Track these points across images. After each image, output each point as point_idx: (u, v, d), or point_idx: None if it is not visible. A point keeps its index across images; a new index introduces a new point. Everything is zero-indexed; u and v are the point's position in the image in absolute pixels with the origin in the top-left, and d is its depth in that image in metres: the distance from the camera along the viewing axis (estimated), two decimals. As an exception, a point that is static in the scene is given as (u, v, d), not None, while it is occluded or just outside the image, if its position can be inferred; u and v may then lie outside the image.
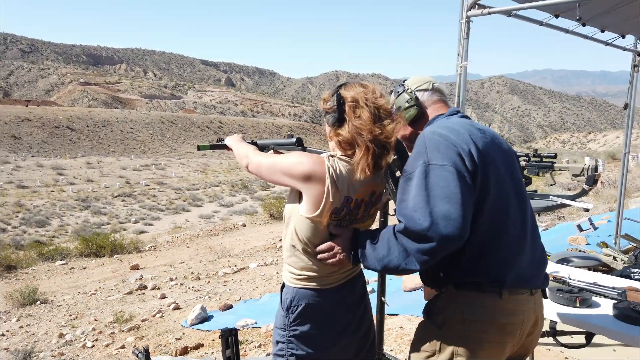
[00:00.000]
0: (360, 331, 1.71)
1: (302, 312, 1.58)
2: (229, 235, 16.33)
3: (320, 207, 1.50)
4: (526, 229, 1.54)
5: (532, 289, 1.53)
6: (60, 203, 30.77)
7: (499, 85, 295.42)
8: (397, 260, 1.43)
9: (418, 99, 1.68)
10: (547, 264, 1.63)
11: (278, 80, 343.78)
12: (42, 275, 11.53)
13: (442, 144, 1.44)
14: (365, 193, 1.57)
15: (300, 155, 1.58)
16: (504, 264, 1.47)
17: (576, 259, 3.14)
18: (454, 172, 1.38)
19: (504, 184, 1.51)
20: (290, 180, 1.55)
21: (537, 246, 1.58)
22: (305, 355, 1.59)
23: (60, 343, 6.24)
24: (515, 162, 1.62)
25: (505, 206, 1.49)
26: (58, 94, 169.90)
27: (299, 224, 1.56)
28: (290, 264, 1.62)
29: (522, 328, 1.50)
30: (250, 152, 1.76)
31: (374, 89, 1.55)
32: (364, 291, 1.75)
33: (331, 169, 1.50)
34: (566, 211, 10.12)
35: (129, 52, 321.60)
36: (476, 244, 1.46)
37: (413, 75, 1.78)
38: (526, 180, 3.40)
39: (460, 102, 2.96)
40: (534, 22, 3.45)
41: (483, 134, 1.54)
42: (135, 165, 50.04)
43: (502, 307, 1.46)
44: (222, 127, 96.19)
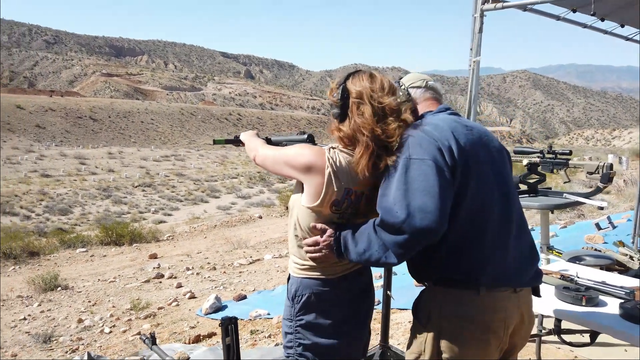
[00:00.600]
0: (367, 322, 1.74)
1: (307, 302, 1.60)
2: (246, 226, 16.49)
3: (320, 197, 1.53)
4: (510, 227, 1.53)
5: (516, 287, 1.52)
6: (83, 192, 31.42)
7: (521, 79, 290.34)
8: (377, 254, 1.45)
9: (410, 96, 1.70)
10: (537, 262, 1.61)
11: (297, 73, 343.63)
12: (63, 262, 11.83)
13: (423, 139, 1.46)
14: (365, 186, 1.58)
15: (302, 147, 1.61)
16: (481, 260, 1.47)
17: (589, 257, 3.11)
18: (433, 166, 1.40)
19: (486, 180, 1.50)
20: (292, 171, 1.59)
21: (523, 244, 1.57)
22: (312, 345, 1.61)
23: (79, 328, 6.41)
24: (504, 160, 1.63)
25: (485, 203, 1.49)
26: (81, 84, 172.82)
27: (301, 214, 1.59)
28: (294, 254, 1.66)
29: (506, 326, 1.49)
30: (259, 146, 1.80)
31: (382, 83, 1.53)
32: (369, 282, 1.76)
33: (331, 159, 1.53)
34: (586, 209, 9.95)
35: (151, 44, 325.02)
36: (453, 239, 1.47)
37: (410, 73, 1.81)
38: (540, 177, 3.37)
39: (473, 97, 2.94)
40: (550, 16, 3.39)
41: (470, 130, 1.55)
42: (155, 156, 50.72)
43: (480, 304, 1.46)
44: (241, 119, 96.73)
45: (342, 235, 1.54)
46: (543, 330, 2.64)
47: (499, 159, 1.59)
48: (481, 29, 2.93)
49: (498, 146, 1.62)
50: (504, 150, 1.65)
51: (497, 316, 1.47)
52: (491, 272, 1.47)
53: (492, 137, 1.63)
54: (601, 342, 2.61)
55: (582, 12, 3.36)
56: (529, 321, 1.60)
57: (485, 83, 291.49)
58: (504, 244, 1.51)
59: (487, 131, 1.64)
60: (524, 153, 3.36)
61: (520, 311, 1.54)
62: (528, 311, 1.59)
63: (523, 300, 1.55)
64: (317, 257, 1.59)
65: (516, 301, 1.52)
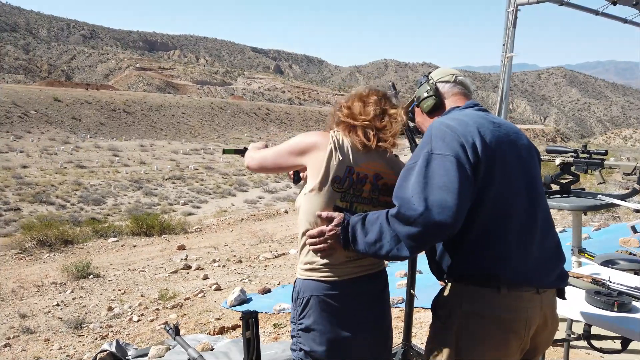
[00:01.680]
0: (375, 331, 1.65)
1: (306, 305, 1.55)
2: (272, 220, 16.62)
3: (322, 171, 1.55)
4: (534, 226, 1.49)
5: (539, 288, 1.48)
6: (115, 183, 32.26)
7: (557, 76, 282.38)
8: (388, 245, 1.43)
9: (438, 90, 1.69)
10: (562, 263, 1.56)
11: (326, 68, 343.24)
12: (95, 250, 12.19)
13: (447, 135, 1.44)
14: (368, 170, 1.60)
15: (305, 133, 1.67)
16: (502, 258, 1.44)
17: (622, 261, 2.99)
18: (455, 162, 1.37)
19: (511, 178, 1.47)
20: (299, 158, 1.61)
21: (548, 244, 1.53)
22: (311, 352, 1.56)
23: (109, 316, 6.60)
24: (533, 158, 1.59)
25: (508, 201, 1.46)
26: (115, 78, 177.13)
27: (305, 204, 1.59)
28: (300, 255, 1.63)
29: (527, 327, 1.45)
30: (253, 152, 1.82)
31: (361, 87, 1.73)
32: (383, 290, 1.69)
33: (334, 137, 1.60)
34: (621, 211, 9.62)
35: (183, 39, 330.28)
36: (476, 236, 1.44)
37: (440, 68, 1.79)
38: (573, 177, 3.26)
39: (504, 93, 2.87)
40: (588, 11, 3.27)
41: (498, 127, 1.52)
42: (186, 149, 51.57)
43: (501, 303, 1.43)
44: (269, 114, 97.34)
45: (351, 223, 1.50)
46: (572, 335, 2.56)
47: (527, 157, 1.55)
48: (515, 23, 2.85)
49: (527, 144, 1.58)
50: (532, 148, 1.60)
51: (519, 316, 1.44)
52: (512, 270, 1.44)
53: (521, 134, 1.59)
54: (634, 350, 2.51)
55: (624, 4, 3.22)
56: (552, 324, 1.56)
57: (519, 80, 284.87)
58: (527, 243, 1.47)
59: (515, 128, 1.60)
60: (557, 152, 3.25)
61: (543, 312, 1.49)
62: (551, 313, 1.55)
63: (546, 301, 1.51)
64: (322, 249, 1.55)
65: (539, 302, 1.48)
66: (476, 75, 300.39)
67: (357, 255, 1.57)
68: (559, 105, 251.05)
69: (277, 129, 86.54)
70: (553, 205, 3.09)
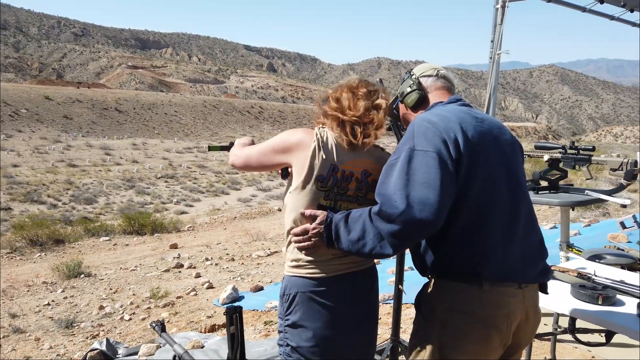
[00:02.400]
0: (361, 328, 1.64)
1: (292, 301, 1.56)
2: (265, 219, 16.60)
3: (305, 170, 1.54)
4: (517, 222, 1.50)
5: (522, 283, 1.48)
6: (107, 182, 32.07)
7: (548, 74, 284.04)
8: (371, 243, 1.42)
9: (421, 84, 1.69)
10: (544, 259, 1.58)
11: (319, 66, 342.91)
12: (87, 249, 12.12)
13: (429, 131, 1.43)
14: (354, 167, 1.58)
15: (290, 130, 1.65)
16: (484, 254, 1.44)
17: (609, 256, 3.03)
18: (437, 158, 1.37)
19: (494, 174, 1.47)
20: (283, 156, 1.60)
21: (532, 240, 1.54)
22: (297, 347, 1.57)
23: (100, 315, 6.56)
24: (516, 153, 1.59)
25: (491, 196, 1.46)
26: (107, 76, 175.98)
27: (290, 203, 1.59)
28: (287, 252, 1.63)
29: (509, 322, 1.46)
30: (237, 149, 1.81)
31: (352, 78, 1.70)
32: (371, 287, 1.69)
33: (318, 135, 1.57)
34: (611, 207, 9.69)
35: (175, 37, 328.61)
36: (457, 232, 1.45)
37: (422, 63, 1.79)
38: (561, 173, 3.29)
39: (492, 90, 2.88)
40: (576, 8, 3.29)
41: (481, 122, 1.51)
42: (178, 148, 51.36)
43: (483, 299, 1.43)
44: (263, 112, 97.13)
45: (334, 221, 1.50)
46: (558, 329, 2.59)
47: (510, 152, 1.56)
48: (502, 20, 2.87)
49: (510, 139, 1.58)
50: (516, 143, 1.61)
51: (501, 311, 1.44)
52: (494, 266, 1.44)
53: (504, 129, 1.59)
54: (619, 343, 2.54)
55: (611, 2, 3.24)
56: (534, 318, 1.56)
57: (511, 77, 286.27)
58: (510, 239, 1.47)
59: (499, 123, 1.60)
60: (545, 148, 3.27)
61: (524, 308, 1.50)
62: (533, 308, 1.55)
63: (528, 296, 1.51)
64: (306, 247, 1.55)
65: (521, 297, 1.48)
66: (468, 73, 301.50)
67: (342, 253, 1.55)
68: (551, 103, 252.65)
69: (270, 127, 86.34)
70: (541, 201, 3.12)
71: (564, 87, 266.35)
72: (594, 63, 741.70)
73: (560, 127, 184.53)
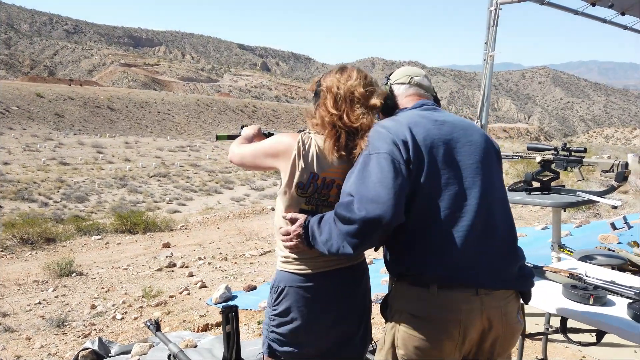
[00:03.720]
0: (344, 323, 1.68)
1: (280, 293, 1.64)
2: (258, 218, 16.56)
3: (287, 177, 1.59)
4: (472, 225, 1.46)
5: (478, 288, 1.44)
6: (99, 180, 31.89)
7: (541, 76, 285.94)
8: (336, 244, 1.46)
9: (392, 92, 1.73)
10: (515, 264, 1.52)
11: (313, 65, 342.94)
12: (79, 248, 12.03)
13: (381, 134, 1.50)
14: (336, 174, 1.60)
15: (280, 135, 1.70)
16: (430, 256, 1.45)
17: (600, 256, 3.06)
18: (389, 158, 1.43)
19: (447, 176, 1.48)
20: (272, 160, 1.65)
21: (496, 243, 1.50)
22: (281, 333, 1.65)
23: (92, 314, 6.53)
24: (485, 155, 1.56)
25: (439, 198, 1.46)
26: (99, 74, 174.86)
27: (277, 205, 1.67)
28: (278, 247, 1.70)
29: (462, 329, 1.42)
30: (235, 146, 1.85)
31: (350, 74, 1.62)
32: (358, 283, 1.72)
33: (300, 142, 1.60)
34: (602, 208, 9.79)
35: (168, 35, 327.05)
36: (407, 234, 1.47)
37: (402, 68, 1.81)
38: (553, 174, 3.32)
39: (486, 92, 2.91)
40: (568, 10, 3.33)
41: (440, 125, 1.55)
42: (171, 147, 51.16)
43: (432, 302, 1.44)
44: (256, 111, 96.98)
45: (310, 224, 1.56)
46: (550, 329, 2.61)
47: (474, 154, 1.54)
48: (496, 22, 2.89)
49: (477, 140, 1.57)
50: (487, 145, 1.59)
51: (451, 316, 1.43)
52: (441, 269, 1.43)
53: (470, 131, 1.59)
54: (610, 342, 2.57)
55: (602, 5, 3.28)
56: (504, 329, 1.49)
57: (504, 79, 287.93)
58: (461, 241, 1.44)
59: (466, 126, 1.61)
60: (537, 150, 3.30)
61: (485, 316, 1.45)
62: (501, 317, 1.48)
63: (491, 304, 1.45)
64: (290, 247, 1.62)
65: (478, 304, 1.43)
66: (462, 74, 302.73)
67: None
68: (543, 104, 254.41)
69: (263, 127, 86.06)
70: (534, 201, 3.15)
71: (556, 88, 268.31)
72: (585, 65, 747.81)
73: (552, 129, 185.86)
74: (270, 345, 1.67)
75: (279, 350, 1.65)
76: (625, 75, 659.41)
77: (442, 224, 1.46)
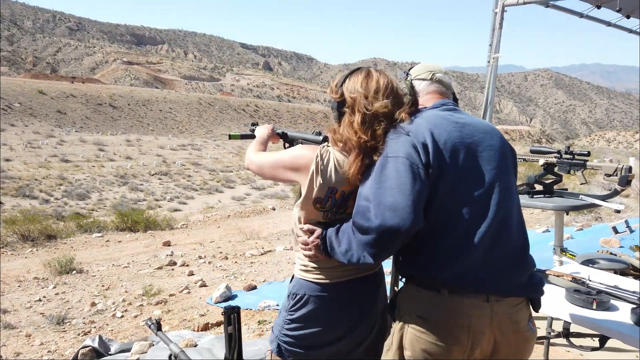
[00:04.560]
0: (357, 333, 1.68)
1: (299, 300, 1.64)
2: (259, 217, 16.56)
3: (305, 192, 1.57)
4: (488, 230, 1.43)
5: (489, 294, 1.41)
6: (100, 178, 31.90)
7: (543, 78, 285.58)
8: (357, 254, 1.43)
9: (413, 88, 1.67)
10: (525, 272, 1.49)
11: (315, 65, 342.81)
12: (79, 246, 12.03)
13: (401, 137, 1.45)
14: (354, 186, 1.57)
15: (301, 149, 1.65)
16: (441, 260, 1.43)
17: (602, 260, 3.04)
18: (407, 163, 1.38)
19: (465, 179, 1.45)
20: (292, 174, 1.62)
21: (506, 249, 1.47)
22: (294, 336, 1.65)
23: (92, 311, 6.52)
24: (503, 160, 1.54)
25: (456, 202, 1.44)
26: (102, 72, 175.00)
27: (295, 214, 1.64)
28: (297, 255, 1.69)
29: (471, 335, 1.40)
30: (253, 154, 1.81)
31: (377, 85, 1.53)
32: (376, 291, 1.71)
33: (319, 157, 1.55)
34: (603, 212, 9.77)
35: (171, 33, 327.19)
36: (422, 237, 1.44)
37: (422, 63, 1.75)
38: (556, 178, 3.31)
39: (490, 94, 2.90)
40: (573, 13, 3.31)
41: (461, 127, 1.50)
42: (173, 145, 51.15)
43: (440, 304, 1.42)
44: (258, 110, 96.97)
45: (327, 235, 1.54)
46: (552, 333, 2.60)
47: (493, 158, 1.51)
48: (501, 24, 2.88)
49: (497, 144, 1.54)
50: (505, 149, 1.56)
51: (459, 321, 1.41)
52: (452, 273, 1.41)
53: (490, 134, 1.55)
54: (612, 347, 2.56)
55: (607, 7, 3.26)
56: (515, 336, 1.46)
57: (506, 81, 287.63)
58: (474, 247, 1.42)
59: (486, 128, 1.56)
60: (541, 153, 3.30)
61: (496, 324, 1.42)
62: (509, 324, 1.45)
63: (501, 312, 1.43)
64: (309, 257, 1.61)
65: (488, 311, 1.41)
66: (464, 76, 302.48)
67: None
68: (545, 107, 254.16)
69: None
70: (536, 204, 3.14)
71: (558, 91, 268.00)
72: (588, 68, 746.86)
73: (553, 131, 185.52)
74: (280, 345, 1.67)
75: (289, 350, 1.66)
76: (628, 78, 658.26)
77: (457, 228, 1.43)
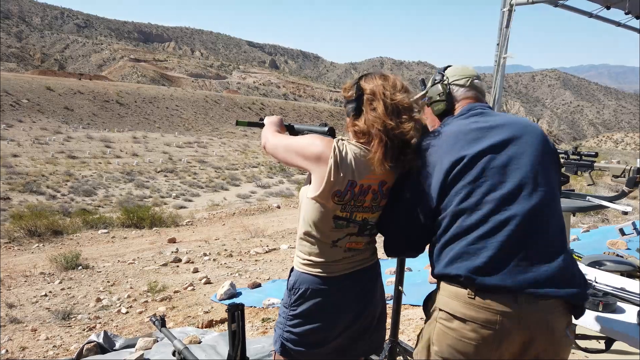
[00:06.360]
0: (358, 323, 1.70)
1: (302, 294, 1.64)
2: (264, 215, 16.59)
3: (323, 185, 1.54)
4: (518, 230, 1.42)
5: (518, 295, 1.38)
6: (107, 175, 32.03)
7: (551, 78, 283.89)
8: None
9: (450, 94, 1.66)
10: (560, 274, 1.41)
11: (321, 64, 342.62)
12: (85, 242, 12.11)
13: (430, 147, 1.54)
14: (373, 180, 1.58)
15: (314, 137, 1.63)
16: (470, 258, 1.43)
17: (609, 262, 3.02)
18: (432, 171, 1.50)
19: (488, 183, 1.46)
20: (303, 161, 1.61)
21: (542, 251, 1.43)
22: (297, 333, 1.65)
23: (97, 307, 6.56)
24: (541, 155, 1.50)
25: (479, 202, 1.45)
26: (109, 69, 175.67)
27: (306, 207, 1.62)
28: (299, 248, 1.68)
29: (499, 336, 1.38)
30: (271, 134, 1.80)
31: (394, 82, 1.59)
32: (375, 282, 1.74)
33: (337, 149, 1.55)
34: (610, 214, 9.71)
35: (178, 31, 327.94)
36: (449, 236, 1.48)
37: (456, 64, 1.73)
38: (563, 178, 3.28)
39: (497, 94, 2.88)
40: (582, 13, 3.29)
41: (487, 131, 1.53)
42: (179, 142, 51.25)
43: (468, 303, 1.41)
44: (264, 109, 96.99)
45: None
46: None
47: (527, 154, 1.48)
48: (509, 24, 2.86)
49: (530, 142, 1.51)
50: (542, 146, 1.52)
51: (485, 320, 1.39)
52: (479, 272, 1.40)
53: (524, 132, 1.52)
54: (618, 350, 2.54)
55: (617, 8, 3.23)
56: (549, 343, 1.41)
57: (514, 81, 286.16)
58: (501, 247, 1.41)
59: (520, 127, 1.54)
60: (548, 153, 3.27)
61: (524, 325, 1.38)
62: (542, 330, 1.39)
63: (531, 314, 1.38)
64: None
65: (515, 311, 1.38)
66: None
67: (353, 254, 1.64)
68: (552, 108, 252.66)
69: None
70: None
71: (566, 92, 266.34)
72: (596, 69, 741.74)
73: (561, 132, 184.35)
74: (284, 344, 1.67)
75: (294, 350, 1.65)
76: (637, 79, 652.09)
77: (485, 227, 1.43)
